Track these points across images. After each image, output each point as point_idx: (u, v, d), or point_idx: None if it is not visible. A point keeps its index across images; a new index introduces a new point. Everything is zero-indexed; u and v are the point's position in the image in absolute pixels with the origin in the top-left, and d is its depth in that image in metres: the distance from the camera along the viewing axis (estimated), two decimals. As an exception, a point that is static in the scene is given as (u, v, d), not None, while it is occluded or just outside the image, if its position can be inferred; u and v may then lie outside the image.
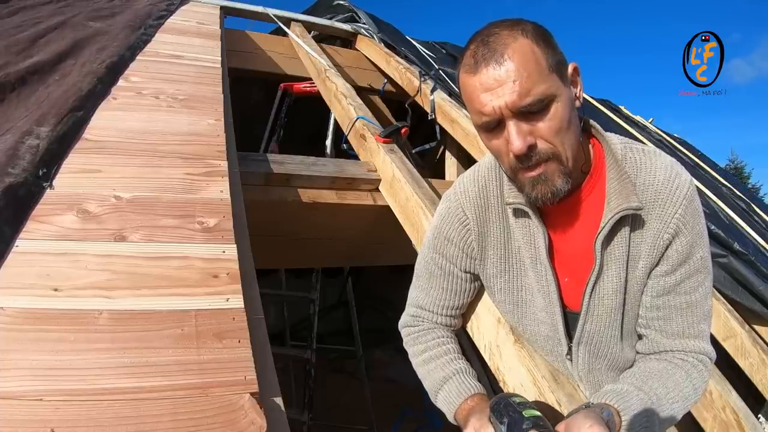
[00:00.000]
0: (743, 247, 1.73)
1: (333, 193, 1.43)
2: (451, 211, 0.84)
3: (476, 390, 0.80)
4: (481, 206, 0.82)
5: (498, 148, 0.68)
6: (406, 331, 0.92)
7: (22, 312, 0.60)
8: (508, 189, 0.78)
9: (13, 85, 1.13)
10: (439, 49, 2.82)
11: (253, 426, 0.52)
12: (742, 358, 1.45)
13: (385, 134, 1.49)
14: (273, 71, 2.46)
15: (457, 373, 0.82)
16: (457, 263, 0.86)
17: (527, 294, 0.83)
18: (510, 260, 0.82)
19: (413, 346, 0.90)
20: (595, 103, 3.37)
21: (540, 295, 0.81)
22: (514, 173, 0.70)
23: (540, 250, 0.77)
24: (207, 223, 0.82)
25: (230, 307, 0.67)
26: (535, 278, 0.80)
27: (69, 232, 0.74)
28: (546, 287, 0.79)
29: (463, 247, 0.84)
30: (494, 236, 0.82)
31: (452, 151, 2.22)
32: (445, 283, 0.88)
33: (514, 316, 0.86)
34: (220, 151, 1.04)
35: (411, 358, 0.91)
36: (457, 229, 0.84)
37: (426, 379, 0.86)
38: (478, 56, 0.64)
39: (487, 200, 0.82)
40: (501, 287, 0.85)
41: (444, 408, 0.82)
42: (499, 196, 0.81)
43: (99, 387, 0.53)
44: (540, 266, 0.79)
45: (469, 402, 0.78)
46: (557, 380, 0.82)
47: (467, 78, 0.66)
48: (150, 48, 1.54)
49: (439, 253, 0.86)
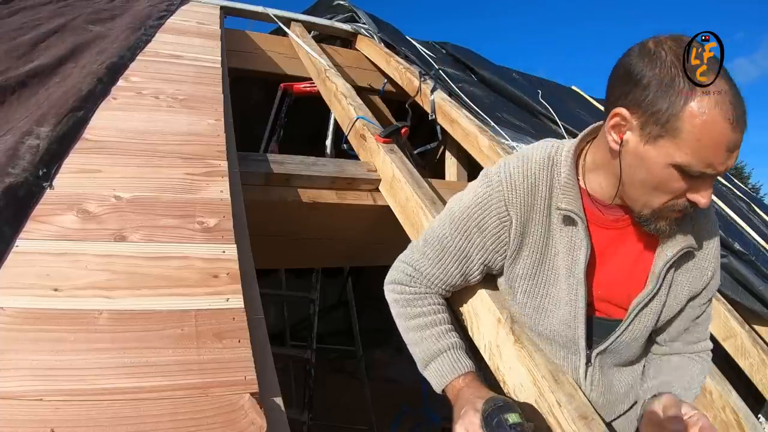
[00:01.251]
0: (743, 247, 1.73)
1: (333, 193, 1.43)
2: (492, 203, 0.79)
3: (469, 368, 0.81)
4: (527, 205, 0.78)
5: (676, 188, 0.67)
6: (399, 288, 0.88)
7: (22, 312, 0.60)
8: (562, 194, 0.77)
9: (13, 88, 1.13)
10: (439, 49, 2.82)
11: (253, 426, 0.52)
12: (742, 358, 1.45)
13: (385, 134, 1.49)
14: (273, 71, 2.45)
15: (451, 347, 0.83)
16: (479, 253, 0.83)
17: (551, 303, 0.83)
18: (544, 265, 0.81)
19: (405, 307, 0.87)
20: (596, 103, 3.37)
21: (566, 306, 0.81)
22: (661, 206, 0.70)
23: (579, 262, 0.78)
24: (207, 223, 0.82)
25: (230, 307, 0.67)
26: (566, 289, 0.81)
27: (69, 232, 0.74)
28: (575, 299, 0.80)
29: (492, 242, 0.81)
30: (533, 238, 0.80)
31: (452, 151, 2.21)
32: (456, 263, 0.84)
33: (532, 319, 0.86)
34: (220, 151, 1.04)
35: (399, 317, 0.88)
36: (493, 223, 0.80)
37: (416, 346, 0.85)
38: (738, 114, 0.62)
39: (534, 199, 0.78)
40: (526, 290, 0.83)
41: (433, 380, 0.83)
42: (546, 198, 0.78)
43: (99, 387, 0.53)
44: (573, 279, 0.79)
45: (460, 381, 0.80)
46: (557, 380, 0.82)
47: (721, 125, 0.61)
48: (150, 48, 1.54)
49: (462, 237, 0.82)
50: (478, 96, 2.17)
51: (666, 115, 0.63)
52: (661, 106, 0.63)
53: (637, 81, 0.65)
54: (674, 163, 0.65)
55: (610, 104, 0.71)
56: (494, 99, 2.26)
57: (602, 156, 0.76)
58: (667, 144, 0.64)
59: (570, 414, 0.77)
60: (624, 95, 0.67)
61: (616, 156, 0.71)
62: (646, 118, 0.65)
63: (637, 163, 0.69)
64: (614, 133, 0.70)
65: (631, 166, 0.70)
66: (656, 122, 0.64)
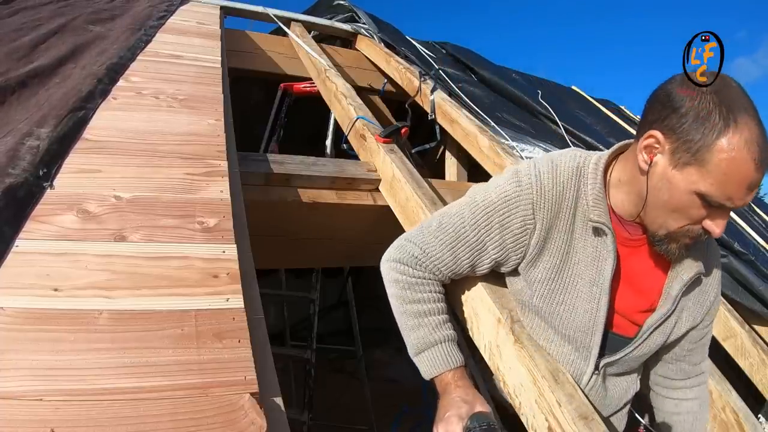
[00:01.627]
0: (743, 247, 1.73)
1: (333, 193, 1.43)
2: (521, 203, 0.79)
3: (460, 363, 0.84)
4: (552, 211, 0.80)
5: (694, 215, 0.71)
6: (401, 268, 0.86)
7: (22, 312, 0.60)
8: (593, 206, 0.79)
9: (13, 89, 1.13)
10: (439, 49, 2.82)
11: (253, 426, 0.52)
12: (742, 358, 1.45)
13: (385, 134, 1.49)
14: (273, 71, 2.45)
15: (447, 340, 0.84)
16: (495, 249, 0.83)
17: (566, 310, 0.84)
18: (564, 272, 0.82)
19: (406, 289, 0.85)
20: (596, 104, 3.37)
21: (584, 314, 0.83)
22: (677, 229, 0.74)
23: (605, 272, 0.80)
24: (207, 223, 0.82)
25: (230, 307, 0.67)
26: (587, 298, 0.83)
27: (69, 232, 0.74)
28: (595, 308, 0.83)
29: (512, 242, 0.82)
30: (555, 245, 0.81)
31: (452, 151, 2.21)
32: (469, 254, 0.84)
33: (546, 323, 0.87)
34: (220, 151, 1.04)
35: (396, 298, 0.87)
36: (517, 224, 0.80)
37: (412, 331, 0.85)
38: (764, 157, 0.66)
39: (560, 207, 0.80)
40: (543, 294, 0.84)
41: (423, 367, 0.85)
42: (571, 207, 0.80)
43: (99, 387, 0.53)
44: (596, 289, 0.82)
45: (450, 375, 0.82)
46: (557, 380, 0.82)
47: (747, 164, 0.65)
48: (150, 48, 1.54)
49: (482, 229, 0.82)
50: (478, 96, 2.17)
51: (698, 145, 0.67)
52: (694, 136, 0.67)
53: (675, 108, 0.69)
54: (698, 191, 0.68)
55: (645, 124, 0.74)
56: (494, 99, 2.25)
57: (629, 174, 0.79)
58: (693, 172, 0.68)
59: (570, 414, 0.77)
60: (661, 119, 0.71)
61: (644, 175, 0.74)
62: (678, 145, 0.69)
63: (662, 185, 0.72)
64: (646, 153, 0.73)
65: (656, 188, 0.73)
66: (687, 150, 0.68)
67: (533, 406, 0.83)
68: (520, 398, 0.86)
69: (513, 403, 0.89)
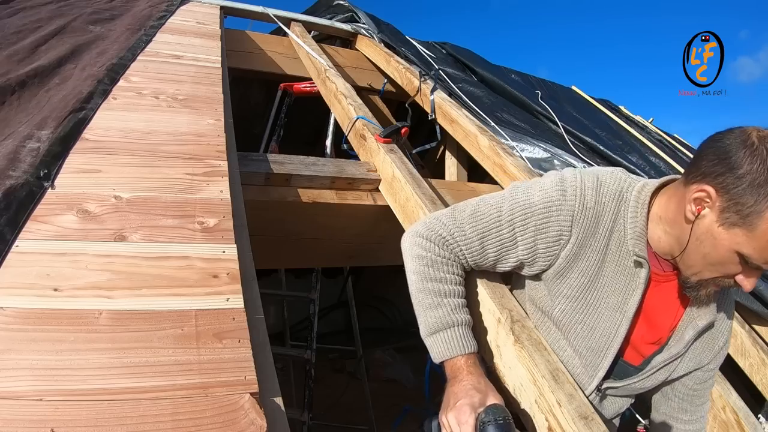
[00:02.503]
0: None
1: (333, 193, 1.43)
2: (561, 213, 0.79)
3: (474, 349, 0.82)
4: (590, 229, 0.80)
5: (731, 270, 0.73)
6: (427, 245, 0.84)
7: (22, 312, 0.60)
8: (636, 239, 0.79)
9: (13, 89, 1.13)
10: (438, 49, 2.81)
11: (253, 426, 0.52)
12: (742, 358, 1.45)
13: (385, 134, 1.49)
14: (273, 71, 2.45)
15: (464, 324, 0.82)
16: (525, 251, 0.82)
17: (585, 330, 0.85)
18: (590, 293, 0.82)
19: (429, 267, 0.83)
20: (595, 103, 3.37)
21: (601, 338, 0.85)
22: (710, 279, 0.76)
23: (633, 302, 0.82)
24: (207, 223, 0.82)
25: (230, 307, 0.67)
26: (607, 323, 0.84)
27: (69, 232, 0.74)
28: (613, 334, 0.84)
29: (543, 248, 0.81)
30: (586, 264, 0.81)
31: (452, 151, 2.21)
32: (497, 249, 0.83)
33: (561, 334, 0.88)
34: (220, 151, 1.04)
35: (417, 274, 0.84)
36: (553, 232, 0.80)
37: (430, 309, 0.82)
38: None
39: (597, 227, 0.80)
40: (565, 310, 0.84)
41: (436, 348, 0.82)
42: (608, 229, 0.80)
43: (99, 387, 0.53)
44: (619, 315, 0.83)
45: (463, 360, 0.80)
46: (557, 380, 0.82)
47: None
48: (150, 48, 1.54)
49: (517, 228, 0.81)
50: (478, 96, 2.17)
51: (749, 209, 0.68)
52: (748, 200, 0.68)
53: (732, 168, 0.69)
54: (740, 251, 0.70)
55: (698, 175, 0.73)
56: (494, 99, 2.25)
57: (671, 215, 0.78)
58: (740, 234, 0.69)
59: (570, 414, 0.77)
60: (715, 175, 0.71)
61: (689, 224, 0.74)
62: (729, 205, 0.69)
63: (705, 239, 0.73)
64: (695, 205, 0.73)
65: (699, 239, 0.74)
66: (738, 212, 0.69)
67: (533, 406, 0.83)
68: (520, 398, 0.86)
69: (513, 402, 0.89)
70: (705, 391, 0.98)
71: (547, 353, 0.87)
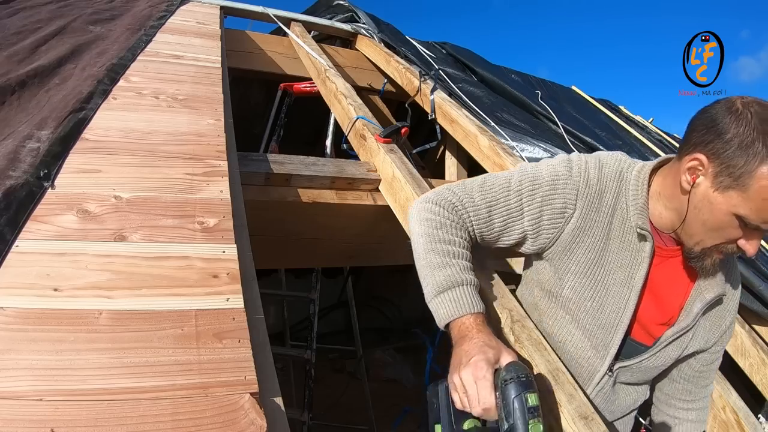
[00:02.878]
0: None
1: (333, 193, 1.43)
2: (568, 186, 0.82)
3: (482, 309, 0.79)
4: (593, 206, 0.83)
5: (731, 234, 0.75)
6: (437, 209, 0.85)
7: (22, 312, 0.60)
8: (638, 213, 0.82)
9: (13, 89, 1.13)
10: (438, 49, 2.81)
11: (253, 426, 0.52)
12: (742, 358, 1.45)
13: (385, 134, 1.49)
14: (273, 71, 2.45)
15: (473, 284, 0.81)
16: (530, 222, 0.84)
17: (595, 306, 0.86)
18: (598, 269, 0.84)
19: (437, 228, 0.83)
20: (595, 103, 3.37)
21: (611, 314, 0.86)
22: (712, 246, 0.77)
23: (638, 276, 0.83)
24: (207, 223, 0.82)
25: (230, 307, 0.67)
26: (616, 298, 0.85)
27: (69, 232, 0.74)
28: (622, 310, 0.85)
29: (548, 219, 0.83)
30: (592, 240, 0.84)
31: (452, 151, 2.22)
32: (503, 218, 0.85)
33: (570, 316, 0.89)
34: (220, 151, 1.04)
35: (424, 236, 0.84)
36: (558, 204, 0.83)
37: (436, 269, 0.81)
38: None
39: (600, 204, 0.83)
40: (575, 287, 0.86)
41: (443, 308, 0.79)
42: (610, 207, 0.84)
43: (99, 387, 0.53)
44: (627, 290, 0.84)
45: (471, 319, 0.77)
46: (557, 380, 0.82)
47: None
48: (150, 48, 1.54)
49: (524, 198, 0.84)
50: (478, 96, 2.17)
51: (740, 171, 0.70)
52: (738, 162, 0.70)
53: (720, 134, 0.72)
54: (737, 213, 0.72)
55: (689, 146, 0.77)
56: (494, 99, 2.25)
57: (669, 190, 0.81)
58: (734, 195, 0.71)
59: (570, 414, 0.77)
60: (705, 143, 0.74)
61: (686, 194, 0.77)
62: (721, 169, 0.72)
63: (703, 206, 0.75)
64: (689, 174, 0.76)
65: (697, 207, 0.76)
66: (730, 175, 0.71)
67: (533, 406, 0.83)
68: (520, 398, 0.86)
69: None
70: (710, 372, 0.98)
71: (547, 353, 0.87)
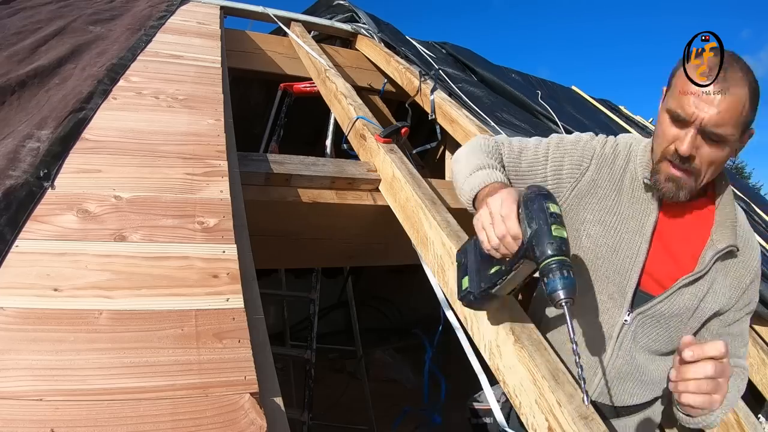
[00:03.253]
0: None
1: (333, 193, 1.43)
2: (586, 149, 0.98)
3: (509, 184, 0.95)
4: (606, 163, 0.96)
5: (668, 133, 0.84)
6: (481, 141, 1.05)
7: (22, 312, 0.60)
8: (643, 167, 0.93)
9: (13, 89, 1.13)
10: (438, 49, 2.82)
11: (253, 426, 0.52)
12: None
13: (385, 134, 1.49)
14: (273, 71, 2.45)
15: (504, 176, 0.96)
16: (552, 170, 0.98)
17: (610, 251, 0.93)
18: (611, 216, 0.94)
19: (482, 149, 1.01)
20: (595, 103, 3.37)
21: (625, 259, 0.92)
22: (661, 158, 0.86)
23: (648, 224, 0.92)
24: (207, 223, 0.82)
25: (230, 307, 0.67)
26: (629, 244, 0.92)
27: (69, 232, 0.74)
28: (635, 255, 0.91)
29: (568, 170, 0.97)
30: (604, 191, 0.95)
31: (452, 151, 2.20)
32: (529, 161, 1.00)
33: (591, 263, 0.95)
34: (220, 151, 1.04)
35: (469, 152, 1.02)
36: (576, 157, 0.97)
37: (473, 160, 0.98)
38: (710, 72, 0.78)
39: (613, 166, 0.96)
40: (591, 234, 0.94)
41: (475, 180, 0.93)
42: (622, 168, 0.96)
43: (99, 387, 0.53)
44: (638, 238, 0.92)
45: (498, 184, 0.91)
46: (557, 380, 0.82)
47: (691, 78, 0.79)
48: (150, 48, 1.54)
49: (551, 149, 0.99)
50: (478, 96, 2.17)
51: (671, 76, 0.85)
52: (674, 72, 0.84)
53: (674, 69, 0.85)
54: (667, 107, 0.83)
55: None
56: (494, 99, 2.26)
57: None
58: (667, 95, 0.85)
59: (570, 414, 0.77)
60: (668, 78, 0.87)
61: None
62: (668, 87, 0.86)
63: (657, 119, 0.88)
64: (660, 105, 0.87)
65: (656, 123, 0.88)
66: (668, 84, 0.85)
67: (533, 405, 0.83)
68: (520, 398, 0.86)
69: (513, 402, 0.89)
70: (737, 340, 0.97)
71: (547, 353, 0.87)
